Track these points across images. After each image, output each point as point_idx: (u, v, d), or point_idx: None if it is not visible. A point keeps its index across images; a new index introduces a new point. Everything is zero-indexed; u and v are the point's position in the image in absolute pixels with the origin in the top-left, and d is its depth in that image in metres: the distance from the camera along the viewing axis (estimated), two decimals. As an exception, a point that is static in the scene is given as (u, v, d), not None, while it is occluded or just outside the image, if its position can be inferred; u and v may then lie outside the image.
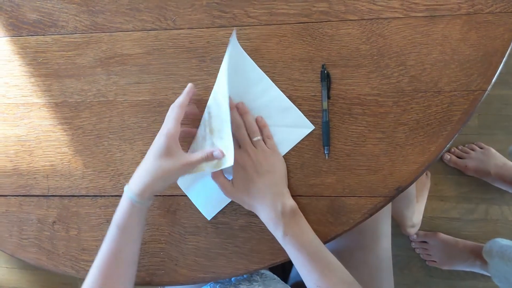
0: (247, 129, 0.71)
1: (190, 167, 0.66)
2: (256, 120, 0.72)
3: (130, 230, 0.66)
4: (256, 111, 0.73)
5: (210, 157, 0.67)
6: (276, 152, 0.72)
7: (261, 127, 0.72)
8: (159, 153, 0.64)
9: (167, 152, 0.64)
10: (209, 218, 0.75)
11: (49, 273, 1.61)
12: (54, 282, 1.65)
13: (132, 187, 0.65)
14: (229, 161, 0.65)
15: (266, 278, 0.82)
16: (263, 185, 0.68)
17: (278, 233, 0.67)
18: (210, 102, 0.72)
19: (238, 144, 0.71)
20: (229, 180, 0.71)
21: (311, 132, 0.72)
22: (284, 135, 0.72)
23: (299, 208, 0.70)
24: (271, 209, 0.67)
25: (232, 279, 0.82)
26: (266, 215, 0.68)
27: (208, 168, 0.68)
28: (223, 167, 0.67)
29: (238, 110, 0.72)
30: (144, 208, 0.66)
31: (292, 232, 0.66)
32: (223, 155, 0.67)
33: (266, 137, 0.72)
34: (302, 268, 0.66)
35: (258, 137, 0.71)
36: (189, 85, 0.70)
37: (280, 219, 0.66)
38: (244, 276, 0.81)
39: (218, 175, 0.71)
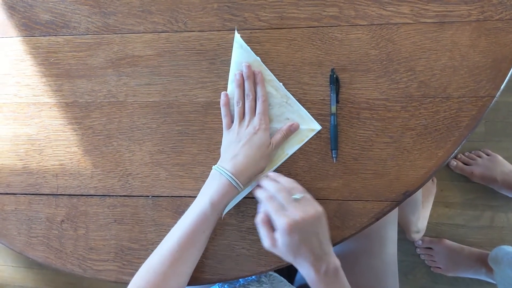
0: (287, 190, 0.66)
1: (276, 149, 0.73)
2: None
3: (218, 212, 0.67)
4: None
5: (289, 133, 0.72)
6: (317, 205, 0.65)
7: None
8: (262, 144, 0.70)
9: (263, 141, 0.70)
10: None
11: (55, 272, 1.61)
12: (59, 281, 1.65)
13: (230, 169, 0.67)
14: (312, 125, 0.72)
15: (274, 280, 0.82)
16: (311, 249, 0.63)
17: None
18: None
19: (281, 207, 0.65)
20: (272, 233, 0.64)
21: (319, 135, 0.72)
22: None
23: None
24: (314, 269, 0.63)
25: (241, 280, 0.82)
26: (308, 274, 0.64)
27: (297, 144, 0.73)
28: (311, 135, 0.73)
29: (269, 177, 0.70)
30: (236, 193, 0.68)
31: None
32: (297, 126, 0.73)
33: (298, 191, 0.66)
34: None
35: (300, 194, 0.65)
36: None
37: (322, 279, 0.63)
38: (253, 277, 0.82)
39: (265, 222, 0.65)
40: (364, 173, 0.71)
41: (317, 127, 0.72)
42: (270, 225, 0.65)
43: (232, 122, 0.74)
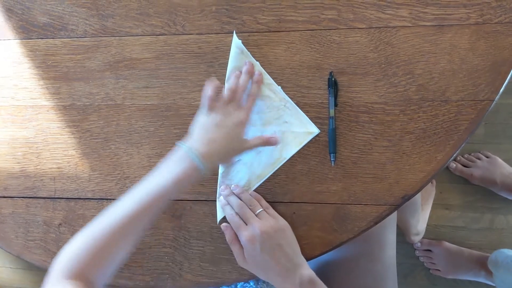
0: (248, 206, 0.71)
1: (248, 150, 0.72)
2: (251, 196, 0.73)
3: (178, 191, 0.64)
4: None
5: (267, 143, 0.71)
6: (280, 219, 0.71)
7: (258, 200, 0.72)
8: (241, 140, 0.69)
9: (241, 136, 0.69)
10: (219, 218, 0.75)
11: (53, 274, 1.61)
12: (57, 283, 1.65)
13: (202, 154, 0.64)
14: (311, 129, 0.72)
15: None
16: (277, 261, 0.66)
17: None
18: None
19: (243, 222, 0.70)
20: (242, 250, 0.69)
21: (317, 139, 0.72)
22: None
23: (305, 215, 0.70)
24: (288, 283, 0.65)
25: (238, 285, 0.82)
26: None
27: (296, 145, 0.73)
28: (309, 138, 0.72)
29: (235, 192, 0.74)
30: (200, 177, 0.65)
31: None
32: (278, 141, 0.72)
33: (265, 208, 0.71)
34: None
35: (260, 209, 0.70)
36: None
37: None
38: (251, 282, 0.81)
39: (234, 240, 0.70)
40: (363, 176, 0.71)
41: (315, 130, 0.72)
42: (240, 243, 0.69)
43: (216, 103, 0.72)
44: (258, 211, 0.70)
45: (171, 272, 0.76)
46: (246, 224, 0.69)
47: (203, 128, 0.68)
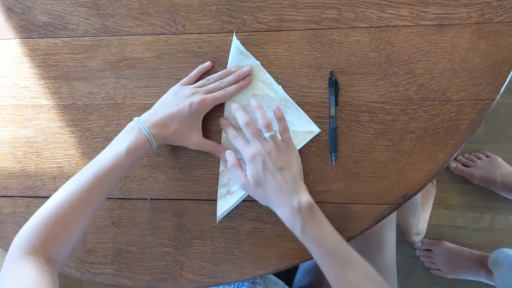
0: (259, 124, 0.69)
1: (193, 146, 0.72)
2: (274, 112, 0.71)
3: (130, 162, 0.66)
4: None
5: (216, 153, 0.73)
6: (291, 146, 0.70)
7: (278, 120, 0.71)
8: (183, 118, 0.69)
9: (195, 122, 0.71)
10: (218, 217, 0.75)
11: (53, 274, 1.61)
12: (57, 283, 1.65)
13: (153, 131, 0.67)
14: (311, 128, 0.72)
15: (270, 282, 0.82)
16: (278, 182, 0.66)
17: (296, 230, 0.65)
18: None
19: (246, 142, 0.70)
20: (245, 174, 0.69)
21: (318, 138, 0.72)
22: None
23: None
24: (287, 206, 0.65)
25: (237, 284, 0.82)
26: (283, 212, 0.66)
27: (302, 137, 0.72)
28: (309, 138, 0.72)
29: (252, 105, 0.71)
30: (149, 150, 0.68)
31: (310, 228, 0.64)
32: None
33: (282, 130, 0.70)
34: (322, 263, 0.65)
35: (270, 133, 0.68)
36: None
37: (297, 215, 0.64)
38: (245, 283, 0.81)
39: (236, 165, 0.70)
40: (364, 176, 0.71)
41: (316, 129, 0.72)
42: (242, 168, 0.70)
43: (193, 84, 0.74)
44: (268, 134, 0.68)
45: (172, 272, 0.76)
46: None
47: (165, 101, 0.71)
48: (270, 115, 0.73)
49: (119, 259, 0.78)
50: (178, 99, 0.70)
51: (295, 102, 0.72)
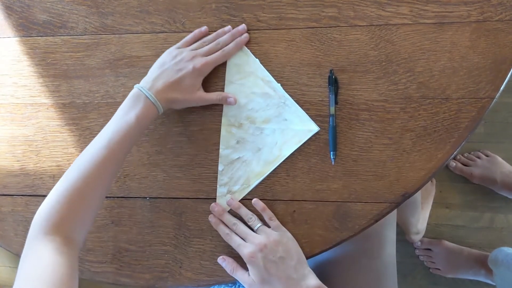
0: (246, 221, 0.71)
1: (201, 102, 0.73)
2: (254, 204, 0.72)
3: (140, 131, 0.66)
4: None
5: (223, 100, 0.72)
6: (283, 231, 0.70)
7: (261, 211, 0.72)
8: (183, 79, 0.69)
9: (197, 83, 0.71)
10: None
11: (52, 273, 1.60)
12: (57, 282, 1.64)
13: (158, 98, 0.67)
14: (310, 126, 0.72)
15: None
16: (283, 274, 0.65)
17: None
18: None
19: (241, 240, 0.70)
20: (248, 274, 0.69)
21: (317, 137, 0.72)
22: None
23: (306, 214, 0.70)
24: None
25: (237, 282, 0.82)
26: None
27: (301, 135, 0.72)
28: (308, 136, 0.72)
29: (231, 207, 0.73)
30: (156, 117, 0.69)
31: None
32: (235, 101, 0.72)
33: (269, 219, 0.71)
34: None
35: (258, 225, 0.70)
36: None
37: None
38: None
39: (236, 269, 0.70)
40: (363, 174, 0.71)
41: (315, 128, 0.72)
42: (242, 269, 0.70)
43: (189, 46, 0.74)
44: (257, 226, 0.70)
45: (171, 270, 0.76)
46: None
47: (161, 64, 0.71)
48: (268, 114, 0.73)
49: (119, 258, 0.78)
50: (179, 63, 0.70)
51: (295, 100, 0.72)
